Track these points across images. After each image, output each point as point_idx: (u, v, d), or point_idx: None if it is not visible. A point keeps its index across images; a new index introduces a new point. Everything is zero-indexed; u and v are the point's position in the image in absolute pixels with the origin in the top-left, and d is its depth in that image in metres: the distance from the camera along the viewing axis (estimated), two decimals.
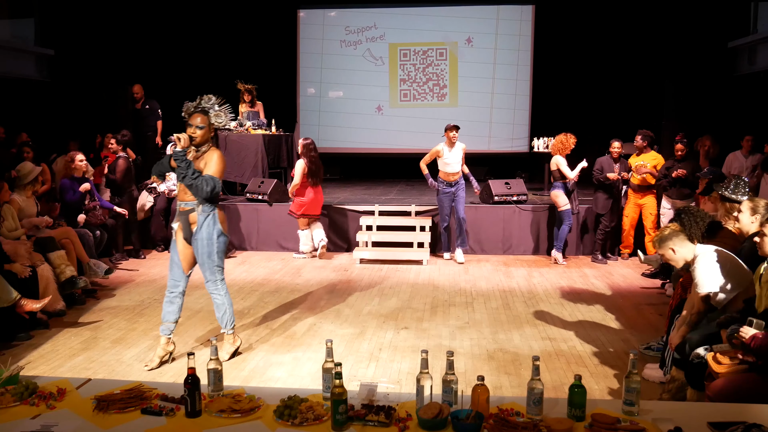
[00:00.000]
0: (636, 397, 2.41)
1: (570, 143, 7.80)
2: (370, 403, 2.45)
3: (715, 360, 3.12)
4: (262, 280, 7.15)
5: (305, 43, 12.70)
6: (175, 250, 4.48)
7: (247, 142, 9.41)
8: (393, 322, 5.60)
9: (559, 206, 7.85)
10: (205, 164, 4.29)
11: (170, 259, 4.52)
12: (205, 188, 4.20)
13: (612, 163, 7.81)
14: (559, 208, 7.85)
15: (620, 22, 11.20)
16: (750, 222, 3.91)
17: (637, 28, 11.10)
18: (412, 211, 8.59)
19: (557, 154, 7.82)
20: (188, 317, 5.72)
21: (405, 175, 12.25)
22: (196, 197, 4.31)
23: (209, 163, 4.29)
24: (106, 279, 6.62)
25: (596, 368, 4.51)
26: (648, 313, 5.85)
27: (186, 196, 4.36)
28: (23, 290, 4.97)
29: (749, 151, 8.01)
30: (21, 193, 6.24)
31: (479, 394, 2.39)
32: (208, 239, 4.38)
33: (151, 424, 2.37)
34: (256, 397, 2.55)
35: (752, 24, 9.54)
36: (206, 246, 4.39)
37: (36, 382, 2.66)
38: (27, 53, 9.68)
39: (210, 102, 4.44)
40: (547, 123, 11.26)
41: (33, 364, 4.55)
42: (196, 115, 4.31)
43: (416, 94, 12.57)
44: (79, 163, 7.09)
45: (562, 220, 7.87)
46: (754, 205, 3.92)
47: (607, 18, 11.28)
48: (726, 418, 2.33)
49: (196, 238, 4.38)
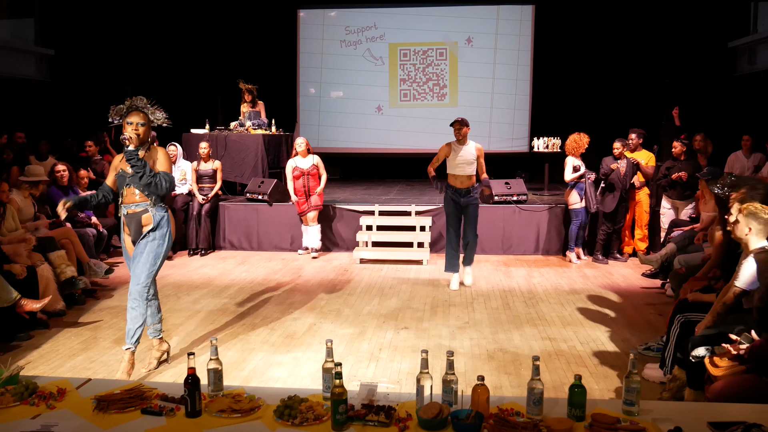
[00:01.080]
0: (636, 397, 2.41)
1: (583, 143, 7.84)
2: (370, 403, 2.45)
3: (712, 363, 3.11)
4: (262, 280, 7.15)
5: (305, 43, 12.70)
6: (129, 258, 4.36)
7: (247, 142, 9.41)
8: (393, 322, 5.60)
9: (569, 204, 7.93)
10: (154, 162, 4.22)
11: (130, 268, 4.36)
12: (164, 185, 4.15)
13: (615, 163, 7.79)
14: (569, 206, 7.94)
15: (620, 22, 11.20)
16: None
17: (637, 28, 11.10)
18: (412, 211, 8.58)
19: (570, 154, 7.88)
20: (188, 317, 5.72)
21: (405, 175, 12.26)
22: (150, 196, 4.23)
23: (158, 161, 4.23)
24: (106, 279, 6.62)
25: (596, 368, 4.51)
26: (648, 313, 5.85)
27: (134, 198, 4.24)
28: (23, 290, 4.96)
29: (749, 151, 8.01)
30: (19, 193, 6.25)
31: (479, 394, 2.39)
32: (161, 238, 4.29)
33: (151, 424, 2.37)
34: (256, 397, 2.55)
35: (752, 24, 9.54)
36: (156, 247, 4.27)
37: (36, 382, 2.66)
38: (27, 53, 9.69)
39: (142, 102, 4.31)
40: (547, 123, 11.27)
41: (33, 364, 4.55)
42: (133, 114, 4.17)
43: (416, 94, 12.57)
44: (59, 174, 7.01)
45: (570, 219, 7.95)
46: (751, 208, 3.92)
47: (607, 18, 11.29)
48: (726, 418, 2.33)
49: (148, 239, 4.26)
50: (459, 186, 6.39)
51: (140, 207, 4.25)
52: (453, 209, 6.49)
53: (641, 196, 7.89)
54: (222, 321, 5.63)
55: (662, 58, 10.81)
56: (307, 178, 8.08)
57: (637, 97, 11.02)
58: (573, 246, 8.05)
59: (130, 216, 4.27)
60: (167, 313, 5.84)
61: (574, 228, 7.96)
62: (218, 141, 9.38)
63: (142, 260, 4.25)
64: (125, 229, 4.32)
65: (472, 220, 6.49)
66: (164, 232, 4.31)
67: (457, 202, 6.44)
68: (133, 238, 4.31)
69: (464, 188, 6.39)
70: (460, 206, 6.44)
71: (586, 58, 11.54)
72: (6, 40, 9.43)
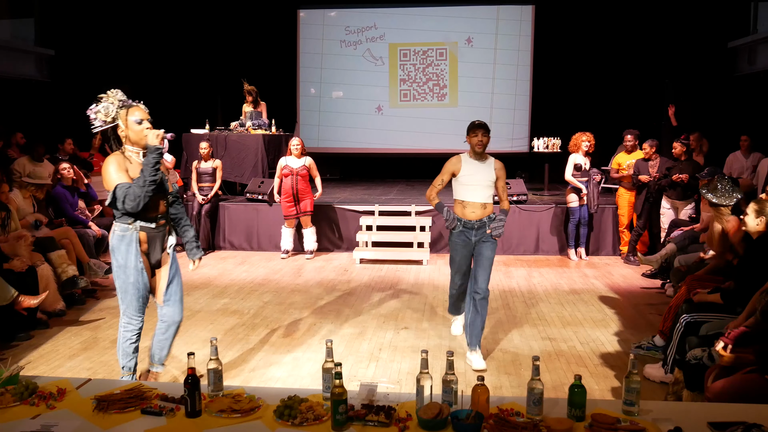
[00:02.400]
0: (636, 397, 2.41)
1: (579, 141, 7.87)
2: (370, 403, 2.44)
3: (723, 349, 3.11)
4: (262, 280, 7.15)
5: (305, 43, 12.71)
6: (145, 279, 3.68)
7: (247, 142, 9.41)
8: (393, 322, 5.60)
9: (567, 202, 8.01)
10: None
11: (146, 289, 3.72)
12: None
13: (646, 165, 7.73)
14: (567, 204, 8.03)
15: (620, 22, 11.21)
16: (756, 224, 3.92)
17: (637, 28, 11.10)
18: (412, 211, 8.58)
19: (571, 152, 7.96)
20: (188, 317, 5.72)
21: (405, 175, 12.26)
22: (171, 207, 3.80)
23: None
24: (106, 279, 6.63)
25: (596, 368, 4.51)
26: (648, 313, 5.84)
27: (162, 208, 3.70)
28: (23, 291, 4.95)
29: (748, 151, 8.01)
30: (19, 193, 6.25)
31: (479, 394, 2.38)
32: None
33: (151, 424, 2.37)
34: (256, 397, 2.55)
35: (752, 24, 9.54)
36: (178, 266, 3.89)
37: (36, 382, 2.65)
38: (27, 53, 9.69)
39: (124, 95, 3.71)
40: (547, 123, 11.26)
41: (33, 364, 4.55)
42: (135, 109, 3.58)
43: (416, 94, 12.56)
44: (64, 173, 7.02)
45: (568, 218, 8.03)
46: (761, 207, 3.92)
47: (607, 18, 11.29)
48: (726, 418, 2.33)
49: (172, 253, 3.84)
50: (470, 217, 4.51)
51: (164, 219, 3.75)
52: (461, 250, 4.59)
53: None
54: (222, 321, 5.63)
55: (662, 58, 10.81)
56: (296, 179, 7.92)
57: (637, 97, 11.03)
58: (572, 244, 8.09)
59: (158, 229, 3.69)
60: None
61: (570, 226, 8.03)
62: (218, 141, 9.38)
63: (178, 278, 3.86)
64: (142, 246, 3.65)
65: (485, 263, 4.52)
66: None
67: (467, 241, 4.55)
68: (156, 256, 3.75)
69: (477, 220, 4.53)
70: (470, 245, 4.57)
71: (585, 58, 11.54)
72: (6, 40, 9.43)
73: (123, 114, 3.57)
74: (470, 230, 4.51)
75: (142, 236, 3.62)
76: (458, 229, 4.53)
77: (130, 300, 3.65)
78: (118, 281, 3.65)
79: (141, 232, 3.60)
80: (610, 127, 9.35)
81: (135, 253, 3.59)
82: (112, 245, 3.62)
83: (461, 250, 4.58)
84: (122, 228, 3.58)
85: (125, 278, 3.62)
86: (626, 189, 8.03)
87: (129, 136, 3.58)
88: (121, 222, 3.58)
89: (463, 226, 4.52)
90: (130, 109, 3.58)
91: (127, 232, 3.58)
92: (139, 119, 3.55)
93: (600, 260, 8.14)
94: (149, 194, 3.45)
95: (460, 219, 4.53)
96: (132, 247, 3.58)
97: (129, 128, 3.56)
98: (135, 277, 3.61)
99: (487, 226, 4.49)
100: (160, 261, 3.78)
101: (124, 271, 3.61)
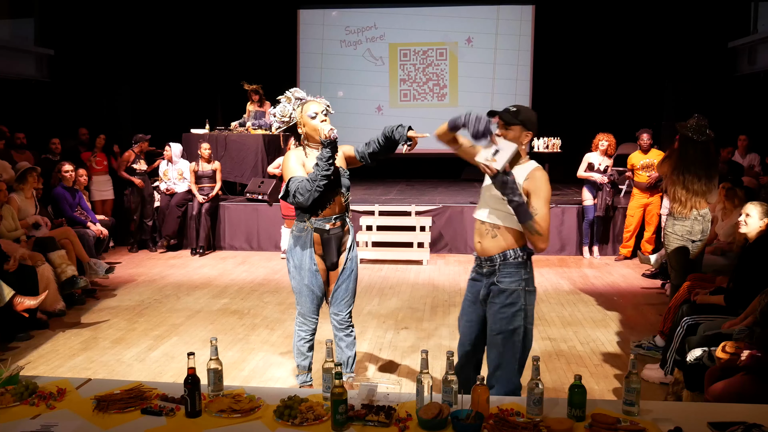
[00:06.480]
0: (636, 397, 2.41)
1: (597, 140, 8.06)
2: (370, 403, 2.44)
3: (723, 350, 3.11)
4: (262, 280, 7.15)
5: (305, 43, 12.70)
6: (318, 281, 3.61)
7: (247, 142, 9.41)
8: (393, 322, 5.60)
9: (582, 200, 8.21)
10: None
11: (316, 292, 3.64)
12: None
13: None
14: (582, 202, 8.22)
15: (620, 23, 11.20)
16: (758, 226, 3.93)
17: (637, 29, 11.09)
18: (412, 211, 8.58)
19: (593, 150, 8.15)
20: (188, 317, 5.72)
21: (405, 175, 12.25)
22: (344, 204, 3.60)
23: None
24: (106, 278, 6.63)
25: (596, 368, 4.51)
26: (648, 313, 5.85)
27: (337, 208, 3.53)
28: (23, 291, 4.95)
29: (745, 151, 8.00)
30: (20, 194, 6.25)
31: (479, 394, 2.38)
32: (356, 257, 3.75)
33: (151, 424, 2.36)
34: (256, 397, 2.54)
35: (752, 24, 9.55)
36: (355, 266, 3.74)
37: (36, 382, 2.65)
38: (27, 53, 9.69)
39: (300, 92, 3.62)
40: (547, 123, 11.21)
41: (33, 364, 4.55)
42: (311, 103, 3.51)
43: (416, 94, 12.56)
44: (65, 174, 7.02)
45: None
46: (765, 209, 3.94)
47: (607, 18, 11.28)
48: (726, 418, 2.32)
49: (349, 254, 3.67)
50: (479, 251, 3.01)
51: (340, 219, 3.59)
52: (466, 296, 3.14)
53: (654, 198, 7.73)
54: (222, 321, 5.63)
55: (662, 58, 10.81)
56: None
57: (637, 97, 11.02)
58: (586, 241, 8.28)
59: (334, 230, 3.56)
60: (167, 312, 5.85)
61: (584, 225, 8.23)
62: (218, 141, 9.38)
63: (347, 288, 3.72)
64: (316, 248, 3.55)
65: (499, 331, 2.94)
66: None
67: (475, 286, 3.07)
68: (332, 258, 3.61)
69: (488, 257, 2.96)
70: (478, 295, 3.03)
71: (586, 59, 11.54)
72: (6, 40, 9.43)
73: (298, 111, 3.50)
74: (478, 272, 3.08)
75: (316, 238, 3.53)
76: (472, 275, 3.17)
77: (304, 301, 3.65)
78: (293, 282, 3.64)
79: (315, 234, 3.53)
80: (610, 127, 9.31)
81: (309, 255, 3.54)
82: (289, 245, 3.63)
83: (467, 297, 3.15)
84: (299, 228, 3.56)
85: (300, 279, 3.59)
86: (640, 190, 7.77)
87: (306, 132, 3.50)
88: (298, 220, 3.57)
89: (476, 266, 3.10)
90: (305, 105, 3.49)
91: (303, 233, 3.54)
92: (312, 113, 3.46)
93: (600, 260, 8.15)
94: (320, 189, 3.32)
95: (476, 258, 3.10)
96: (307, 249, 3.54)
97: (305, 124, 3.47)
98: (309, 279, 3.58)
99: (504, 270, 2.93)
100: (336, 264, 3.65)
101: (299, 272, 3.59)
